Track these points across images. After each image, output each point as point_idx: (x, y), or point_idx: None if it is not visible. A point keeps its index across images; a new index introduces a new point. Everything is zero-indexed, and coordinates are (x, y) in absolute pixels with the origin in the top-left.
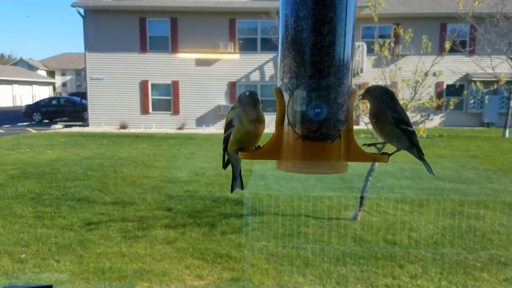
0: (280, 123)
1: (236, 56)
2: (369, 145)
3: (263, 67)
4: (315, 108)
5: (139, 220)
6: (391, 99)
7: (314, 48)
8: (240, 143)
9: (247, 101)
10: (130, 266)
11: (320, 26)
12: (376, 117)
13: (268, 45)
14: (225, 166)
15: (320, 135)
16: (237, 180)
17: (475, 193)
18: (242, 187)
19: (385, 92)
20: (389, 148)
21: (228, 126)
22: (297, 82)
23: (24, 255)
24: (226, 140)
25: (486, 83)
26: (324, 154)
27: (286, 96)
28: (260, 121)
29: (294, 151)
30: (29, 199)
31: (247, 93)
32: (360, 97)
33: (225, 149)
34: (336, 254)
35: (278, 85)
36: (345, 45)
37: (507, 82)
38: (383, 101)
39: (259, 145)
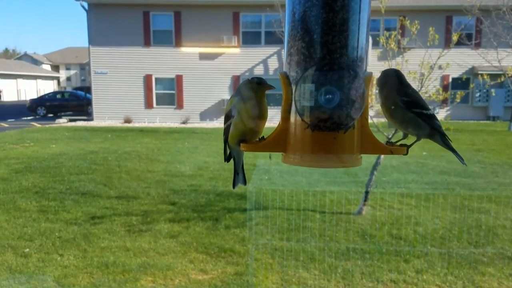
0: (286, 112)
1: (240, 49)
2: (393, 143)
3: (267, 61)
4: (326, 94)
5: (143, 214)
6: (398, 81)
7: (325, 27)
8: (241, 135)
9: (246, 88)
10: (134, 260)
11: (332, 1)
12: (384, 103)
13: (272, 38)
14: (227, 159)
15: (331, 125)
16: (239, 175)
17: (481, 187)
18: (244, 183)
19: (391, 74)
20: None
21: (228, 116)
22: (305, 65)
23: (27, 250)
24: (226, 131)
25: (492, 76)
26: (335, 146)
27: (293, 81)
28: (262, 110)
29: (302, 142)
30: (33, 193)
31: (248, 79)
32: (377, 90)
33: (226, 141)
34: (341, 249)
35: (284, 69)
36: (360, 23)
37: None
38: (389, 85)
39: (263, 136)
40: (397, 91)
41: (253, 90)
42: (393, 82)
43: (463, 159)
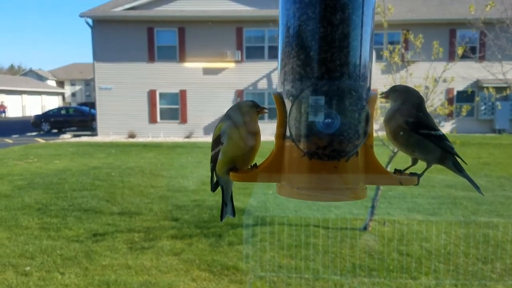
0: (280, 137)
1: (244, 64)
2: (402, 171)
3: (271, 75)
4: (324, 117)
5: (145, 231)
6: (406, 98)
7: (323, 42)
8: (231, 163)
9: (238, 112)
10: (135, 278)
11: (331, 14)
12: (387, 124)
13: (275, 52)
14: (214, 188)
15: (331, 152)
16: (227, 206)
17: (488, 201)
18: (233, 214)
19: (403, 91)
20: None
21: (216, 142)
22: (301, 86)
23: (28, 268)
24: (214, 159)
25: (498, 89)
26: (336, 177)
27: (288, 103)
28: (255, 135)
29: (298, 172)
30: (36, 210)
31: (240, 102)
32: (383, 95)
33: (213, 169)
34: (347, 266)
35: (278, 90)
36: (362, 38)
37: None
38: (396, 102)
39: (255, 164)
40: (403, 110)
41: (245, 115)
42: (399, 99)
43: (479, 187)
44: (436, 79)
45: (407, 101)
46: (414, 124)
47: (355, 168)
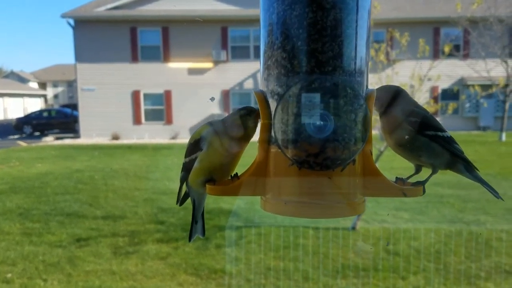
0: (265, 143)
1: (229, 64)
2: (404, 180)
3: (257, 75)
4: (316, 119)
5: (130, 235)
6: (402, 98)
7: (313, 30)
8: (208, 173)
9: (236, 124)
10: (120, 284)
11: None
12: (386, 128)
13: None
14: (181, 201)
15: (324, 161)
16: (198, 224)
17: (475, 199)
18: (203, 233)
19: (393, 91)
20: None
21: (194, 147)
22: (288, 82)
23: (10, 275)
24: (187, 167)
25: (482, 87)
26: (330, 188)
27: (272, 102)
28: (241, 142)
29: (286, 184)
30: (17, 215)
31: (240, 110)
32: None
33: (184, 179)
34: (336, 266)
35: (261, 88)
36: (358, 25)
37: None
38: (390, 104)
39: (236, 173)
40: (401, 110)
41: (243, 125)
42: (394, 100)
43: (497, 191)
44: (422, 77)
45: (396, 99)
46: (419, 124)
47: (352, 178)
